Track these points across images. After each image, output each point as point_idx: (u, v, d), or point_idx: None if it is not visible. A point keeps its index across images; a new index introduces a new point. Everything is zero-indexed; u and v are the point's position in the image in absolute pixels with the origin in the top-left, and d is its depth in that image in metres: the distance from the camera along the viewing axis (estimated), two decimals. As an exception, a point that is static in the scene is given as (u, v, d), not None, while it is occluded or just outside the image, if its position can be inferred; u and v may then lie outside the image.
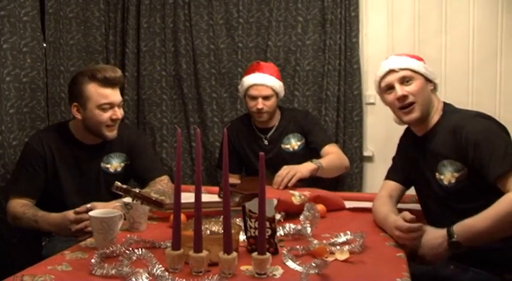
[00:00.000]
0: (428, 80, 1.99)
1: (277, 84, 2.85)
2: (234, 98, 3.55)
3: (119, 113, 2.29)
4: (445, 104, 2.02)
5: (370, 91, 3.41)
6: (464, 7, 3.30)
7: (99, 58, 3.56)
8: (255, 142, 2.94)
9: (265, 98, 2.82)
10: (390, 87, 1.99)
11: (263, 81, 2.82)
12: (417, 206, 2.12)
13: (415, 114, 1.94)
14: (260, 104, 2.82)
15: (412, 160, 2.05)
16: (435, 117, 1.97)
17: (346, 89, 3.41)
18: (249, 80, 2.87)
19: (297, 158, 2.79)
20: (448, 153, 1.86)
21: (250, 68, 2.96)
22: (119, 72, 2.29)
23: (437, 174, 1.90)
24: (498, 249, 1.75)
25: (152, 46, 3.59)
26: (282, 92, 2.92)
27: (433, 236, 1.71)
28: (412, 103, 1.94)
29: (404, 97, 1.94)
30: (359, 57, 3.39)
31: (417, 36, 3.35)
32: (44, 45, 3.03)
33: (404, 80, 1.96)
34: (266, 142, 2.91)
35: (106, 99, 2.24)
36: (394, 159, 2.21)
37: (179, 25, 3.54)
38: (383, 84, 2.01)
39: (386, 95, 2.01)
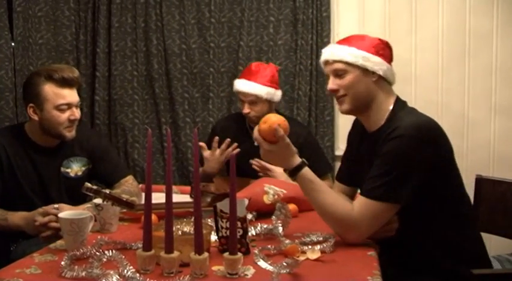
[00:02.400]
0: (368, 71, 1.83)
1: (263, 91, 2.76)
2: (205, 98, 3.54)
3: (77, 113, 2.27)
4: (397, 101, 1.87)
5: (341, 91, 3.44)
6: (433, 8, 3.36)
7: (69, 58, 3.52)
8: (244, 141, 2.90)
9: (252, 103, 2.79)
10: (329, 77, 1.90)
11: (247, 90, 2.77)
12: None
13: (344, 107, 1.87)
14: (246, 108, 2.79)
15: (358, 157, 1.98)
16: (382, 114, 1.84)
17: (317, 89, 3.43)
18: (236, 85, 2.84)
19: None
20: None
21: (244, 71, 2.92)
22: (76, 72, 2.27)
23: None
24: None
25: (123, 46, 3.56)
26: (274, 98, 2.82)
27: (285, 162, 1.78)
28: (344, 95, 1.85)
29: (334, 91, 1.86)
30: (330, 58, 3.41)
31: (388, 36, 3.38)
32: (12, 44, 3.00)
33: (337, 73, 1.85)
34: (256, 143, 2.87)
35: (64, 100, 2.21)
36: (343, 156, 2.15)
37: (151, 25, 3.52)
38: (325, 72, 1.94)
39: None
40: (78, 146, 2.37)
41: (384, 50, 1.88)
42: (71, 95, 2.24)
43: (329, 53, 1.88)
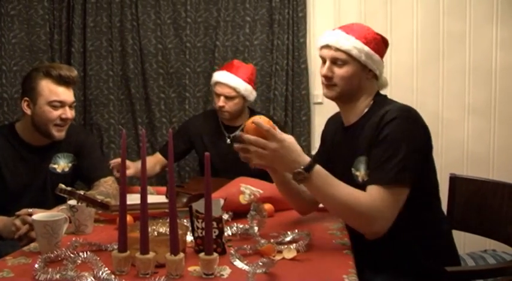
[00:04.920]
0: (367, 68, 1.85)
1: (242, 86, 2.82)
2: (182, 98, 3.53)
3: (69, 113, 2.28)
4: (377, 95, 1.91)
5: (317, 91, 3.46)
6: (408, 9, 3.40)
7: (43, 57, 3.48)
8: (218, 139, 2.91)
9: (228, 97, 2.82)
10: (324, 61, 1.88)
11: (227, 81, 2.81)
12: None
13: (331, 93, 1.86)
14: (221, 102, 2.82)
15: (334, 153, 1.98)
16: (363, 107, 1.87)
17: (293, 89, 3.45)
18: (216, 76, 2.88)
19: None
20: (365, 149, 1.77)
21: (225, 64, 2.97)
22: (74, 72, 2.30)
23: (353, 169, 1.82)
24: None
25: (99, 45, 3.53)
26: (250, 96, 2.90)
27: (292, 156, 1.63)
28: (334, 85, 1.84)
29: (328, 78, 1.84)
30: (306, 57, 3.43)
31: (363, 37, 3.41)
32: (-16, 44, 2.96)
33: (336, 61, 1.83)
34: (228, 141, 2.88)
35: (57, 97, 2.24)
36: (316, 154, 2.15)
37: (126, 24, 3.50)
38: (319, 54, 1.90)
39: (321, 64, 1.90)
40: (66, 142, 2.38)
41: (383, 49, 1.89)
42: (65, 94, 2.26)
43: (333, 39, 1.83)
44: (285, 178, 1.84)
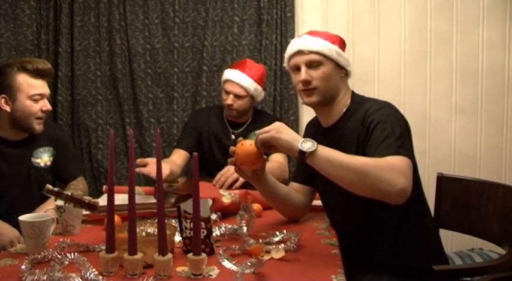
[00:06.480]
0: (339, 66, 1.89)
1: (252, 86, 2.85)
2: (170, 98, 3.52)
3: (49, 105, 2.32)
4: (353, 94, 1.95)
5: (306, 91, 3.46)
6: (396, 10, 3.41)
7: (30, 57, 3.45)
8: (222, 135, 2.93)
9: (238, 96, 2.83)
10: (297, 68, 1.89)
11: (237, 80, 2.83)
12: None
13: (314, 98, 1.87)
14: (230, 100, 2.84)
15: None
16: (341, 107, 1.90)
17: (282, 89, 3.45)
18: (226, 74, 2.90)
19: None
20: (354, 146, 1.78)
21: (236, 63, 3.01)
22: (49, 65, 2.34)
23: None
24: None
25: (86, 45, 3.50)
26: (258, 96, 2.93)
27: (291, 132, 1.66)
28: (314, 88, 1.85)
29: (307, 82, 1.85)
30: (295, 58, 3.43)
31: (351, 36, 3.42)
32: (-30, 43, 2.93)
33: (311, 64, 1.85)
34: (233, 137, 2.91)
35: (37, 90, 2.26)
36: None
37: (114, 24, 3.48)
38: (291, 63, 1.92)
39: (294, 74, 1.92)
40: (45, 137, 2.41)
41: (344, 47, 1.95)
42: (43, 86, 2.30)
43: (304, 43, 1.87)
44: (270, 183, 1.88)
